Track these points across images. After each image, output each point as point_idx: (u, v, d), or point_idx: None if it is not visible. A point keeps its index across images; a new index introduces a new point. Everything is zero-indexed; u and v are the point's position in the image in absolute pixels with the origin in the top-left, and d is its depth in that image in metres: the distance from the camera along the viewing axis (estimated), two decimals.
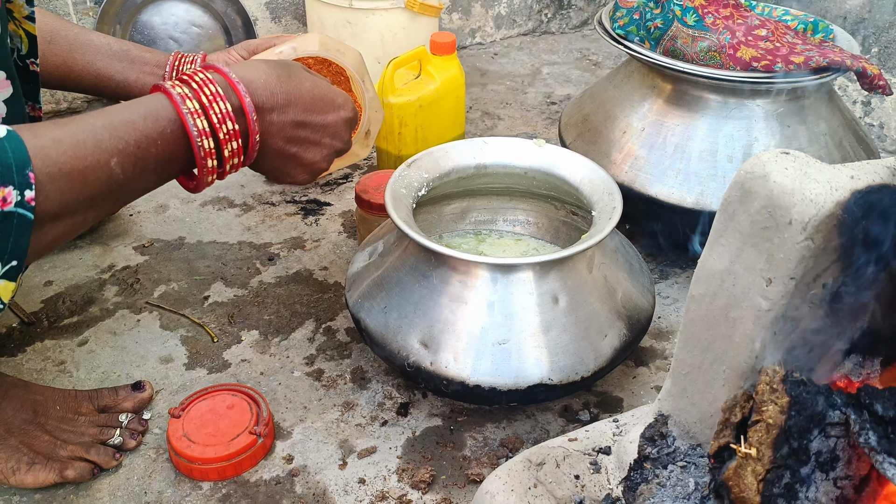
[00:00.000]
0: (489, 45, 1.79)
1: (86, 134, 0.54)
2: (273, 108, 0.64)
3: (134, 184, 0.58)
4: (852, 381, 0.57)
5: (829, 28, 1.02)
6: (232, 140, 0.62)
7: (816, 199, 0.49)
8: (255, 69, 0.65)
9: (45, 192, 0.50)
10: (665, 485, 0.58)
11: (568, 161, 0.90)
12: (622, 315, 0.80)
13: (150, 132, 0.57)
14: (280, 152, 0.67)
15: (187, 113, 0.59)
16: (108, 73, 0.84)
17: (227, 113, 0.61)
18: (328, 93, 0.69)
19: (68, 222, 0.54)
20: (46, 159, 0.51)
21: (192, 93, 0.60)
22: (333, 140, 0.71)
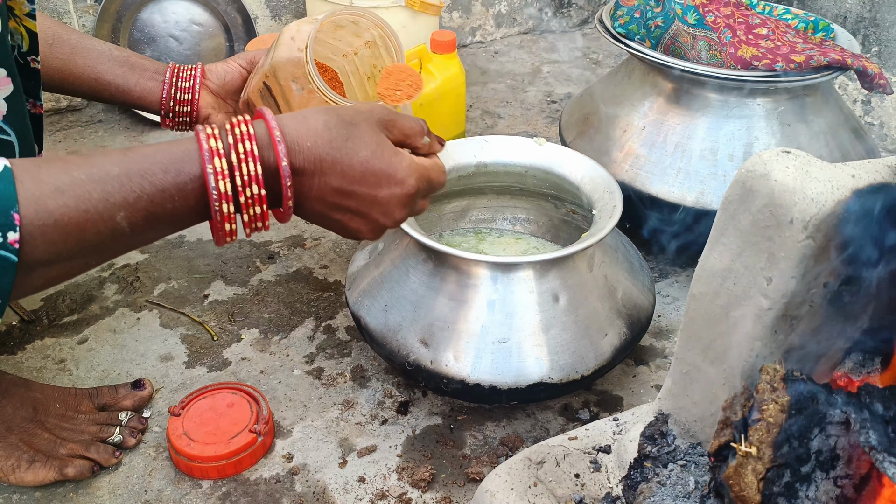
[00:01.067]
0: (489, 44, 1.78)
1: (94, 184, 0.51)
2: (315, 172, 0.58)
3: (142, 236, 0.55)
4: (853, 380, 0.57)
5: (830, 27, 1.02)
6: (254, 206, 0.56)
7: (818, 198, 0.49)
8: (308, 127, 0.58)
9: (35, 241, 0.48)
10: (665, 483, 0.58)
11: (568, 160, 0.90)
12: (622, 314, 0.80)
13: (168, 186, 0.53)
14: (320, 215, 0.62)
15: (211, 173, 0.54)
16: (108, 77, 0.83)
17: (255, 176, 0.55)
18: (387, 164, 0.60)
19: (63, 267, 0.52)
20: (41, 210, 0.48)
21: (226, 148, 0.55)
22: (382, 216, 0.62)
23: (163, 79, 0.87)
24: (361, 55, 0.92)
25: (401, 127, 0.63)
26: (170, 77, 0.87)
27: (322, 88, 0.82)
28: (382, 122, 0.62)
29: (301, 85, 0.83)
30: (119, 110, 1.42)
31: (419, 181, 0.62)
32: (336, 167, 0.58)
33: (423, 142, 0.65)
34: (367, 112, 0.62)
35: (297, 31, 0.83)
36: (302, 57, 0.81)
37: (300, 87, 0.83)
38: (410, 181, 0.61)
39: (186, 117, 0.88)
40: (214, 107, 0.90)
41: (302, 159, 0.57)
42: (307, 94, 0.83)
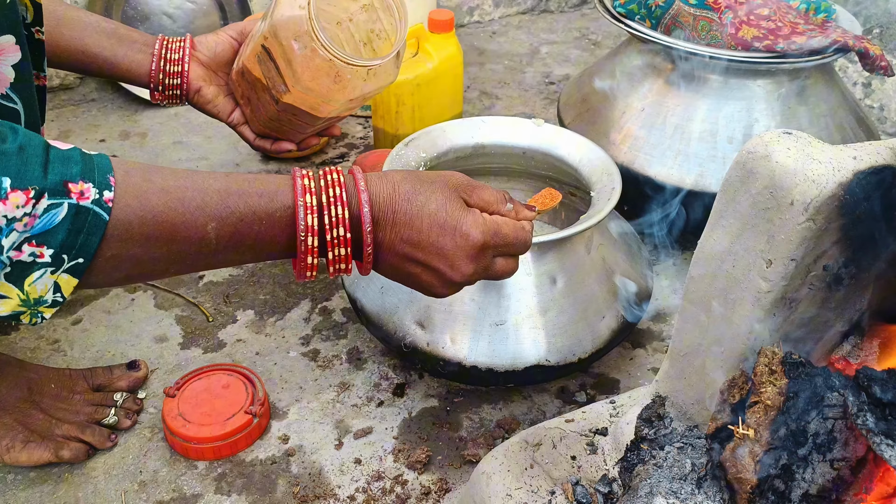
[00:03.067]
0: (487, 24, 1.77)
1: (195, 192, 0.53)
2: (388, 223, 0.60)
3: (226, 254, 0.56)
4: (850, 362, 0.57)
5: (832, 8, 1.01)
6: (339, 246, 0.59)
7: (818, 180, 0.48)
8: (387, 179, 0.61)
9: (132, 232, 0.50)
10: (662, 466, 0.58)
11: (567, 141, 0.89)
12: (620, 296, 0.79)
13: (260, 210, 0.56)
14: (395, 268, 0.63)
15: (302, 206, 0.57)
16: (96, 49, 0.82)
17: (342, 219, 0.58)
18: (452, 217, 0.60)
19: (146, 267, 0.54)
20: (145, 202, 0.51)
21: (317, 189, 0.58)
22: (448, 270, 0.61)
23: (151, 51, 0.85)
24: (357, 21, 0.90)
25: (480, 194, 0.64)
26: (159, 49, 0.85)
27: (326, 44, 0.80)
28: (460, 186, 0.63)
29: (303, 43, 0.81)
30: (112, 89, 1.40)
31: (486, 235, 0.61)
32: (406, 219, 0.60)
33: (506, 208, 0.65)
34: (447, 175, 0.63)
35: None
36: (304, 15, 0.80)
37: (302, 46, 0.82)
38: (475, 234, 0.61)
39: (176, 90, 0.87)
40: (205, 79, 0.88)
41: (378, 209, 0.60)
42: (310, 53, 0.82)
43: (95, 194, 0.48)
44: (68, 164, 0.48)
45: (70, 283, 0.50)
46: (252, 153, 1.25)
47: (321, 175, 0.59)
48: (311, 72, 0.83)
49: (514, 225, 0.64)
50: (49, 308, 0.51)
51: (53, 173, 0.47)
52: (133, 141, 1.28)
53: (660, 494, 0.56)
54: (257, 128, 0.95)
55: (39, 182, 0.46)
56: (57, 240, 0.48)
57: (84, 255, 0.49)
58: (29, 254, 0.47)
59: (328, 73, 0.83)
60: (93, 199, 0.48)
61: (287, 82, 0.84)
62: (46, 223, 0.47)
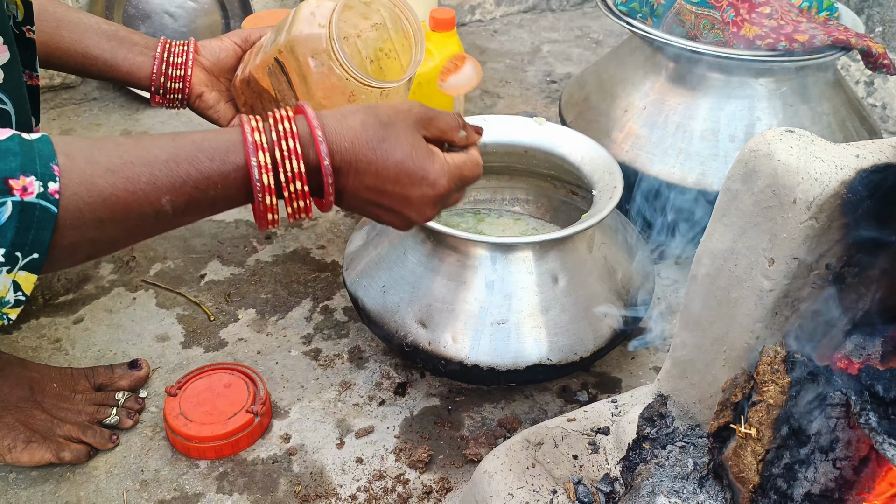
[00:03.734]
0: (489, 23, 1.76)
1: (143, 167, 0.52)
2: (351, 172, 0.60)
3: (183, 218, 0.56)
4: (853, 361, 0.57)
5: (834, 6, 1.00)
6: (298, 200, 0.59)
7: (821, 178, 0.48)
8: (346, 126, 0.60)
9: (84, 218, 0.50)
10: (664, 465, 0.58)
11: (568, 140, 0.89)
12: (622, 295, 0.79)
13: (213, 174, 0.55)
14: (356, 208, 0.65)
15: (255, 166, 0.56)
16: (96, 52, 0.81)
17: (299, 173, 0.57)
18: (419, 167, 0.61)
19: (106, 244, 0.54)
20: (93, 188, 0.50)
21: (269, 144, 0.57)
22: (415, 214, 0.64)
23: (153, 54, 0.85)
24: (365, 38, 0.91)
25: (437, 124, 0.64)
26: (161, 52, 0.85)
27: (346, 64, 0.81)
28: (419, 122, 0.63)
29: (321, 61, 0.82)
30: (114, 88, 1.40)
31: (451, 181, 0.63)
32: (371, 168, 0.60)
33: (460, 136, 0.66)
34: (404, 111, 0.63)
35: (317, 6, 0.82)
36: (323, 33, 0.80)
37: (319, 64, 0.82)
38: (442, 182, 0.62)
39: (178, 94, 0.87)
40: (207, 84, 0.88)
41: (340, 159, 0.59)
42: (326, 71, 0.82)
43: (39, 188, 0.47)
44: (6, 158, 0.46)
45: (29, 280, 0.49)
46: None
47: (272, 125, 0.58)
48: (325, 90, 0.84)
49: (472, 164, 0.66)
50: (13, 308, 0.50)
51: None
52: None
53: (662, 494, 0.56)
54: None
55: None
56: (6, 239, 0.46)
57: (38, 250, 0.48)
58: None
59: (343, 91, 0.84)
60: (37, 192, 0.47)
61: (299, 97, 0.85)
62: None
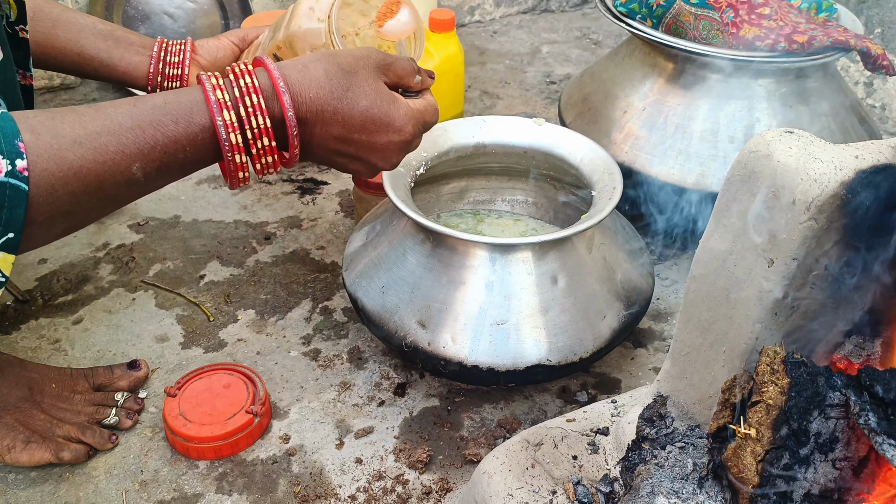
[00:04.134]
0: (488, 23, 1.76)
1: (109, 137, 0.52)
2: (317, 122, 0.61)
3: (155, 183, 0.57)
4: (853, 362, 0.57)
5: (833, 7, 1.01)
6: (265, 156, 0.60)
7: (820, 179, 0.48)
8: (309, 77, 0.60)
9: (57, 193, 0.49)
10: (663, 465, 0.58)
11: (568, 140, 0.89)
12: (621, 296, 0.79)
13: (180, 137, 0.55)
14: (322, 158, 0.65)
15: (221, 125, 0.56)
16: (92, 51, 0.81)
17: (265, 129, 0.58)
18: (385, 114, 0.62)
19: (81, 217, 0.54)
20: (62, 162, 0.50)
21: (233, 101, 0.57)
22: (381, 161, 0.65)
23: (150, 53, 0.85)
24: (364, 36, 0.91)
25: (395, 70, 0.65)
26: (158, 52, 0.85)
27: None
28: (379, 68, 0.64)
29: None
30: (113, 89, 1.40)
31: (415, 126, 0.65)
32: (337, 117, 0.61)
33: (415, 81, 0.67)
34: (364, 58, 0.64)
35: (316, 1, 0.82)
36: (322, 27, 0.81)
37: None
38: (407, 128, 0.64)
39: None
40: None
41: (305, 110, 0.60)
42: None
43: (7, 166, 0.47)
44: None
45: (7, 260, 0.49)
46: None
47: (233, 80, 0.58)
48: None
49: (432, 109, 0.67)
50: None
51: None
52: None
53: (661, 494, 0.56)
54: None
55: None
56: None
57: (13, 229, 0.48)
58: None
59: None
60: (5, 171, 0.47)
61: None
62: None
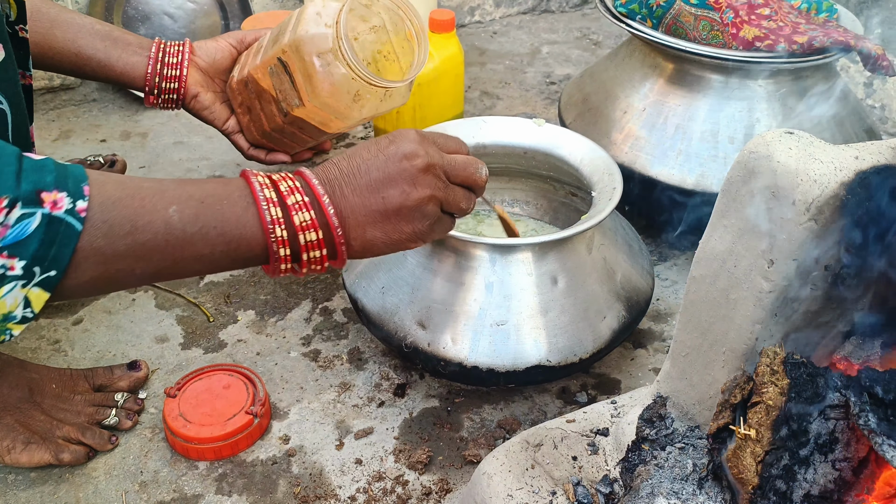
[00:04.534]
0: (488, 24, 1.76)
1: (151, 183, 0.53)
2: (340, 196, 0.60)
3: (194, 244, 0.54)
4: (852, 363, 0.57)
5: (833, 7, 1.01)
6: (316, 264, 0.60)
7: (820, 180, 0.48)
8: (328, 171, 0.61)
9: (94, 220, 0.49)
10: (663, 466, 0.58)
11: (568, 141, 0.89)
12: (621, 297, 0.79)
13: (219, 192, 0.55)
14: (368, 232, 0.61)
15: (274, 241, 0.56)
16: (89, 52, 0.81)
17: (317, 242, 0.58)
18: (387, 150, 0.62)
19: (116, 267, 0.51)
20: (102, 189, 0.50)
21: (286, 219, 0.57)
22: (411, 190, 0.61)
23: (148, 54, 0.85)
24: (362, 41, 0.91)
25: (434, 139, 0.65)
26: (156, 52, 0.85)
27: (353, 64, 0.81)
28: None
29: (326, 61, 0.83)
30: (113, 89, 1.40)
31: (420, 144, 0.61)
32: (353, 181, 0.60)
33: None
34: None
35: (323, 6, 0.83)
36: (329, 33, 0.81)
37: (325, 63, 0.83)
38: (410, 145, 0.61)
39: (173, 94, 0.87)
40: (203, 85, 0.88)
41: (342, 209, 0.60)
42: (332, 70, 0.83)
43: (69, 203, 0.47)
44: (42, 172, 0.47)
45: (41, 298, 0.49)
46: None
47: (274, 182, 0.58)
48: (331, 89, 0.84)
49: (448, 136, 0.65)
50: (18, 325, 0.49)
51: (27, 181, 0.46)
52: (134, 141, 1.28)
53: (661, 495, 0.56)
54: (252, 137, 0.96)
55: (12, 191, 0.45)
56: (29, 251, 0.46)
57: (56, 267, 0.48)
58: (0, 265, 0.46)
59: (348, 91, 0.84)
60: (66, 208, 0.47)
61: (303, 97, 0.85)
62: (19, 233, 0.46)
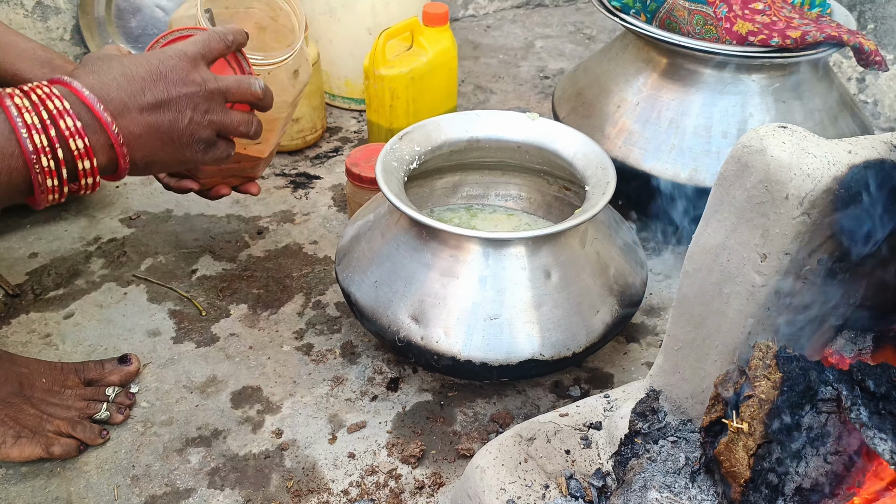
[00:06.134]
0: (482, 18, 1.76)
1: None
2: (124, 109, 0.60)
3: None
4: (844, 357, 0.57)
5: (826, 2, 1.01)
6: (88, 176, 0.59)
7: (814, 174, 0.48)
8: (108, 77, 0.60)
9: None
10: (655, 459, 0.58)
11: (561, 135, 0.89)
12: (614, 291, 0.79)
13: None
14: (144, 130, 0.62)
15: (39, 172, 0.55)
16: (27, 76, 0.81)
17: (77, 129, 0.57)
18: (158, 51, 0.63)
19: None
20: None
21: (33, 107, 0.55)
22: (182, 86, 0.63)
23: None
24: (234, 12, 0.89)
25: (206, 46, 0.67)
26: None
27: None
28: None
29: None
30: None
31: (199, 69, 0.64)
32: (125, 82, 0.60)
33: None
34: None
35: None
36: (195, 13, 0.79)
37: None
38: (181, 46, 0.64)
39: None
40: None
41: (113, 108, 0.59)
42: None
43: None
44: None
45: None
46: None
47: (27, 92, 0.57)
48: None
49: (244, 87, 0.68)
50: None
51: None
52: None
53: (653, 488, 0.56)
54: None
55: None
56: None
57: None
58: None
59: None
60: None
61: None
62: None
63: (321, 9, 1.32)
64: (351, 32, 1.32)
